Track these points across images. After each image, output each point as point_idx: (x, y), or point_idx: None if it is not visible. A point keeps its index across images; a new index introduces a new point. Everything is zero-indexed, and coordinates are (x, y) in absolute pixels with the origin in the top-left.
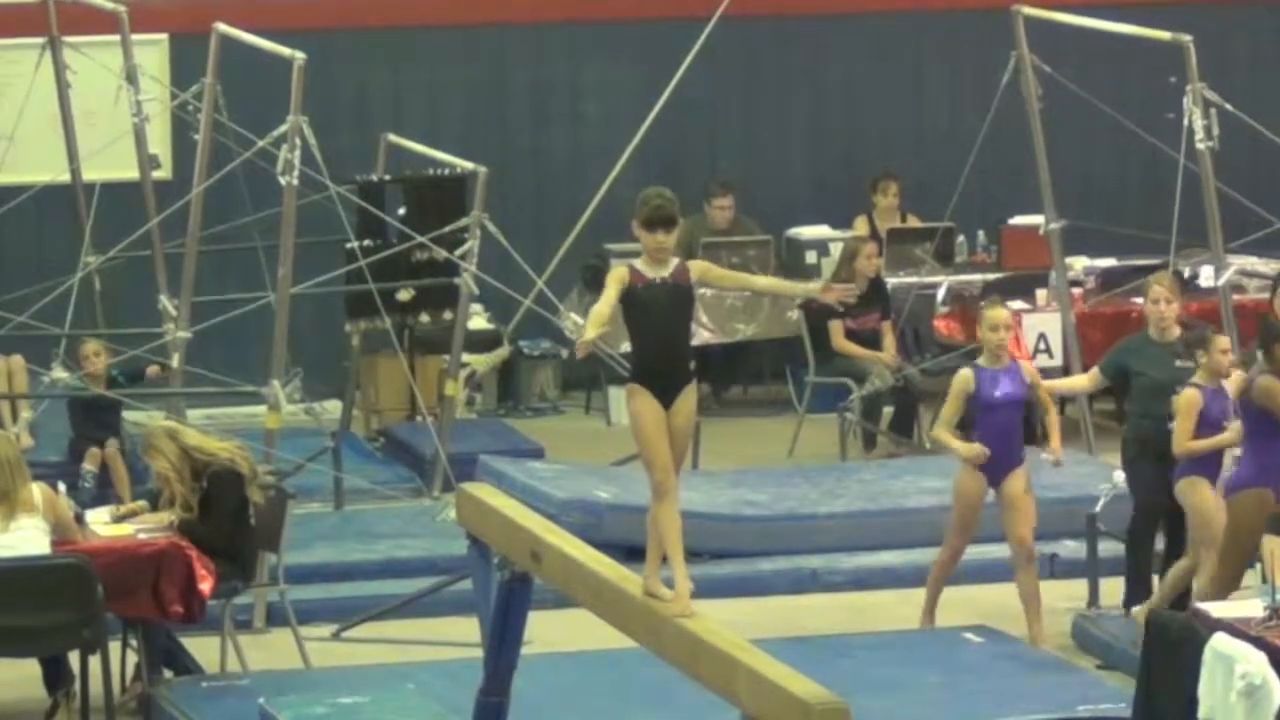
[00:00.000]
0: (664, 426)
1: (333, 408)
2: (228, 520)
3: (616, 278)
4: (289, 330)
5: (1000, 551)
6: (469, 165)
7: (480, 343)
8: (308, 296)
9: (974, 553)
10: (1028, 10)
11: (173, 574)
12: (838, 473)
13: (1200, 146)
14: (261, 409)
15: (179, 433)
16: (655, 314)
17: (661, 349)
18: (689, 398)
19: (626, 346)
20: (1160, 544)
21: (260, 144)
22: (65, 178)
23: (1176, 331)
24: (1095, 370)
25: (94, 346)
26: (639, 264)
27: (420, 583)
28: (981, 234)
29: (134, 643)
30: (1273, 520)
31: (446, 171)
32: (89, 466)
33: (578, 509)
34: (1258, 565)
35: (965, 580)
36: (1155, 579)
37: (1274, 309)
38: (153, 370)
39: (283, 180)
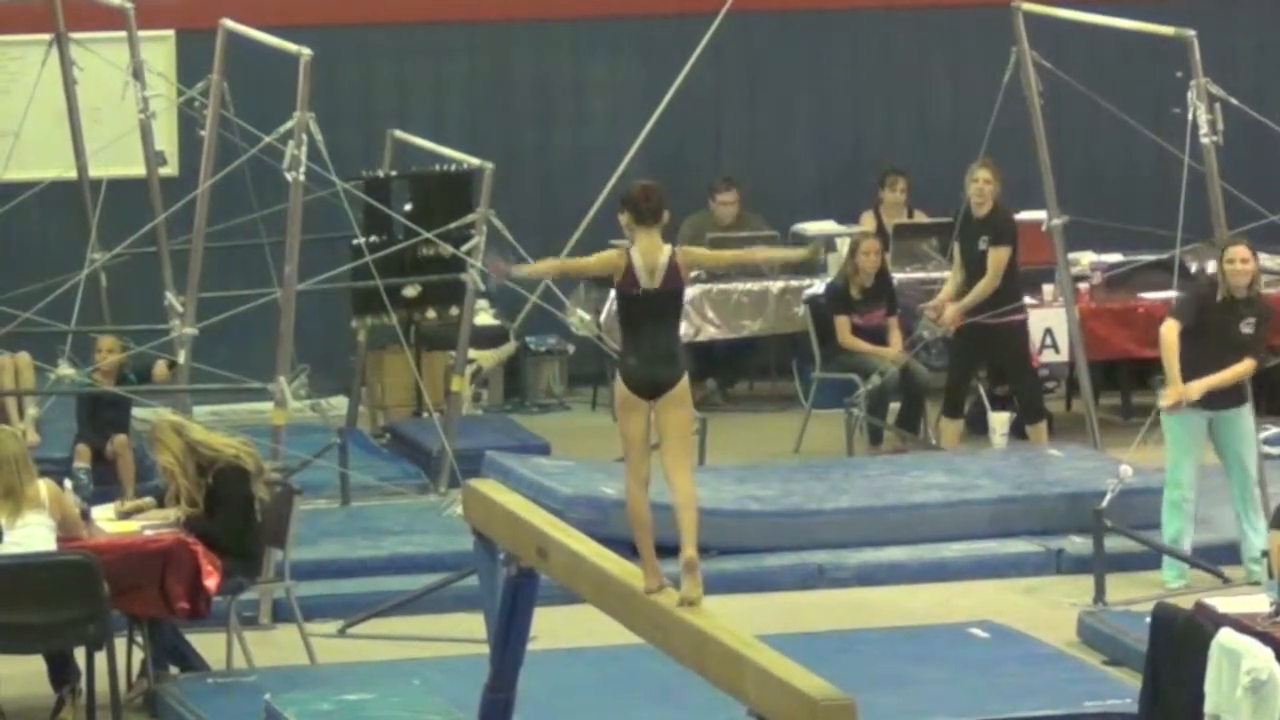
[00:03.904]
0: (647, 436)
1: (339, 404)
2: (234, 517)
3: (606, 259)
4: (295, 326)
5: (1004, 548)
6: (475, 161)
7: (486, 339)
8: (314, 293)
9: (979, 549)
10: (1028, 6)
11: (179, 571)
12: (844, 468)
13: (1205, 141)
14: (268, 405)
15: (185, 427)
16: (644, 324)
17: (647, 357)
18: (678, 405)
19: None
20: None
21: (266, 140)
22: (71, 174)
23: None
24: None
25: (109, 344)
26: (636, 259)
27: (426, 579)
28: None
29: (140, 639)
30: (1278, 516)
31: (452, 167)
32: (80, 463)
33: (584, 505)
34: (1264, 561)
35: (972, 576)
36: None
37: None
38: (159, 370)
39: (289, 176)
